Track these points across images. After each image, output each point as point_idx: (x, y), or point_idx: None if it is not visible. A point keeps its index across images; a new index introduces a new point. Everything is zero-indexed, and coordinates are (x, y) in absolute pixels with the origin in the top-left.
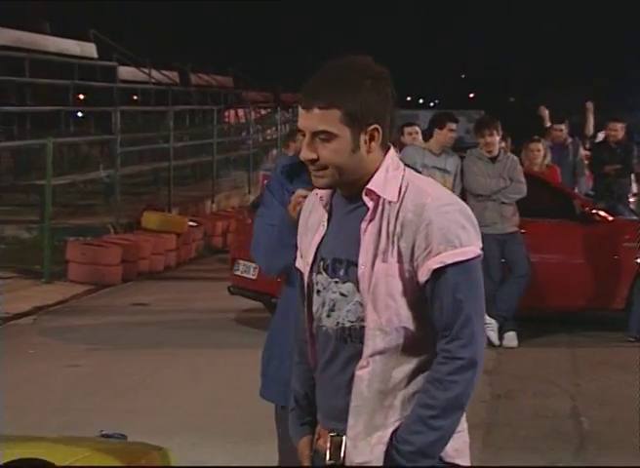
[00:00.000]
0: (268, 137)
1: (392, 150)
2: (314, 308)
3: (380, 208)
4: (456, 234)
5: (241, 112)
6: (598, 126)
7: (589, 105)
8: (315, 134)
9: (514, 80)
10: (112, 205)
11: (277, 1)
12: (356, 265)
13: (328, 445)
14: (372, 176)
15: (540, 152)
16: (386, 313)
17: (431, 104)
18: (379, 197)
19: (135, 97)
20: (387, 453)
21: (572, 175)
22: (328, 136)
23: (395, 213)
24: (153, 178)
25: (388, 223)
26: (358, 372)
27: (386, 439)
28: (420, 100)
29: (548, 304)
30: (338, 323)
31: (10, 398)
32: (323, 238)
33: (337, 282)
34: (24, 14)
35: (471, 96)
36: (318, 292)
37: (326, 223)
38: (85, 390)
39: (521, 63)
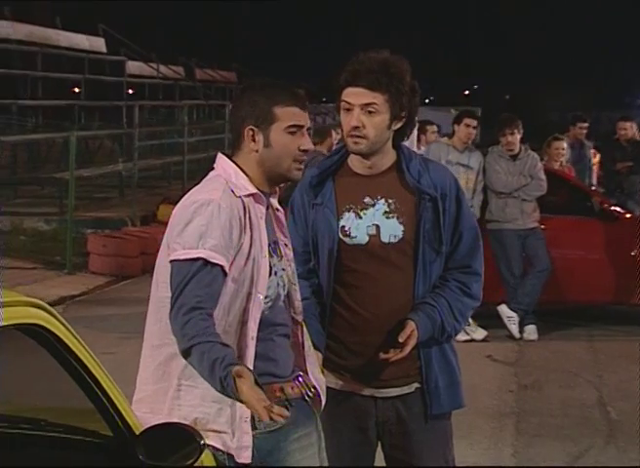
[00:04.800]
0: None
1: None
2: (270, 291)
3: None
4: None
5: None
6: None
7: None
8: None
9: (509, 78)
10: (128, 198)
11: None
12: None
13: (302, 383)
14: None
15: (564, 150)
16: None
17: (426, 101)
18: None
19: (131, 92)
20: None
21: None
22: None
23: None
24: (162, 173)
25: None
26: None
27: None
28: None
29: (567, 299)
30: (284, 293)
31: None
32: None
33: (279, 260)
34: (36, 8)
35: (466, 93)
36: (276, 273)
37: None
38: (123, 376)
39: (516, 61)
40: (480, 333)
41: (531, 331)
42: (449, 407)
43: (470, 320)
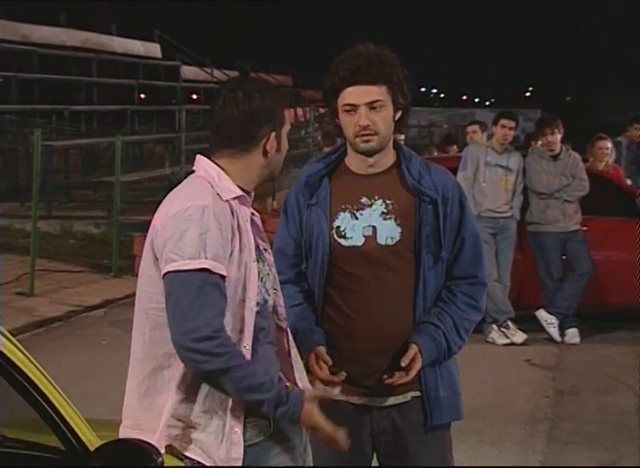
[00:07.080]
0: None
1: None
2: (259, 297)
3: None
4: None
5: (300, 111)
6: None
7: None
8: None
9: (570, 79)
10: None
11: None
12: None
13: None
14: None
15: (609, 150)
16: None
17: (487, 103)
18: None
19: (194, 97)
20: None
21: None
22: None
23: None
24: None
25: None
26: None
27: None
28: (476, 99)
29: (611, 302)
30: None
31: (86, 386)
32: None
33: (263, 264)
34: (91, 15)
35: (527, 95)
36: (262, 278)
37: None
38: None
39: (578, 63)
40: (520, 337)
41: (572, 334)
42: (449, 417)
43: (510, 323)
